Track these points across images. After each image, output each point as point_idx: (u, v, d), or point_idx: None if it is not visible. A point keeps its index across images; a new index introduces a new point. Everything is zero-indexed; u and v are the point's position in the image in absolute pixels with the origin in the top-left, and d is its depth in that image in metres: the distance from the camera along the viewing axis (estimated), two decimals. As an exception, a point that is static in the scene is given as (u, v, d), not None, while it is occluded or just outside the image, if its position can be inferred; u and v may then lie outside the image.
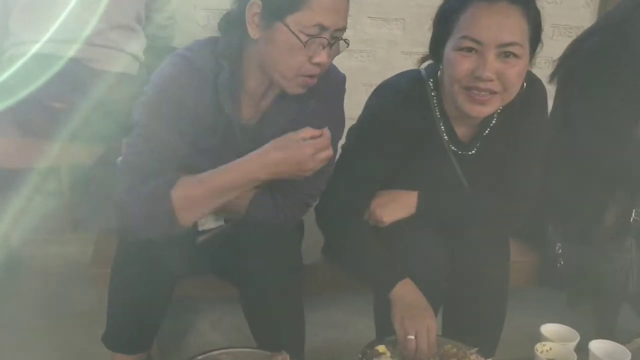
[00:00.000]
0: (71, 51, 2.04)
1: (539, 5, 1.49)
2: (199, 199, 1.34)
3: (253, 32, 1.36)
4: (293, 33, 1.31)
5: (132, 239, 1.38)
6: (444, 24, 1.50)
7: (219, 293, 1.79)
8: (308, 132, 1.34)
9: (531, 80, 1.56)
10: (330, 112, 1.51)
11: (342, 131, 1.55)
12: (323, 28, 1.31)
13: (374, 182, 1.63)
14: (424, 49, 1.53)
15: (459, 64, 1.44)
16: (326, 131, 1.35)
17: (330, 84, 1.47)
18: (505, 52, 1.42)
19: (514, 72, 1.43)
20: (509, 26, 1.41)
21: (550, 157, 1.71)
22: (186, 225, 1.35)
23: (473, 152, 1.63)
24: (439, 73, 1.58)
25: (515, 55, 1.42)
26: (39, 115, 2.08)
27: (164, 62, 1.40)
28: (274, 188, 1.47)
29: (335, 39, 1.36)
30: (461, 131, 1.61)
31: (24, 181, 2.47)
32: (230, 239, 1.49)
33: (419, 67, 1.66)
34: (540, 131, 1.64)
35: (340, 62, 1.53)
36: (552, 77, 1.91)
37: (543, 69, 1.71)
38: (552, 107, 1.87)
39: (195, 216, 1.36)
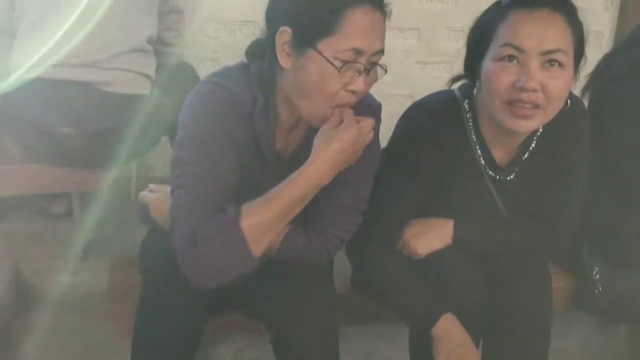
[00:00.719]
0: (83, 76, 1.95)
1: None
2: (270, 222, 1.24)
3: (284, 61, 1.26)
4: (326, 59, 1.21)
5: (204, 287, 1.25)
6: (480, 37, 1.41)
7: (242, 326, 1.70)
8: (336, 117, 1.28)
9: (573, 100, 1.47)
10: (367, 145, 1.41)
11: (377, 163, 1.45)
12: (359, 52, 1.22)
13: (407, 209, 1.54)
14: (440, 58, 1.42)
15: (499, 75, 1.35)
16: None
17: (366, 113, 1.38)
18: (550, 61, 1.33)
19: (559, 84, 1.34)
20: (552, 33, 1.33)
21: (587, 176, 1.62)
22: (258, 257, 1.25)
23: (511, 177, 1.53)
24: (474, 93, 1.49)
25: (560, 65, 1.33)
26: (49, 141, 1.99)
27: (197, 91, 1.30)
28: (307, 224, 1.38)
29: (371, 64, 1.26)
30: (498, 155, 1.52)
31: (32, 208, 2.40)
32: (262, 276, 1.40)
33: (450, 87, 1.57)
34: (583, 156, 1.55)
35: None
36: (583, 93, 1.82)
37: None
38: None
39: (265, 243, 1.26)
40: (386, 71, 1.29)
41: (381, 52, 1.26)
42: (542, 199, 1.56)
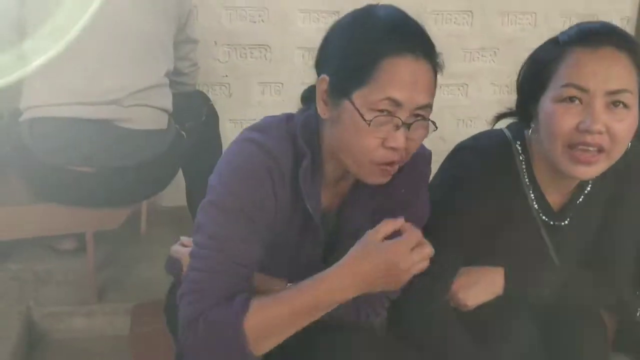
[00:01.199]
0: (103, 113, 1.87)
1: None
2: (278, 325, 1.12)
3: (322, 111, 1.17)
4: (357, 110, 1.11)
5: None
6: (537, 77, 1.33)
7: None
8: (388, 226, 1.12)
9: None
10: (417, 197, 1.32)
11: (428, 214, 1.37)
12: (396, 104, 1.11)
13: (455, 260, 1.46)
14: (455, 80, 1.30)
15: (561, 117, 1.26)
16: (407, 224, 1.14)
17: (417, 166, 1.28)
18: (614, 102, 1.25)
19: (624, 126, 1.26)
20: (617, 72, 1.24)
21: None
22: (260, 355, 1.14)
23: (566, 222, 1.46)
24: (526, 134, 1.41)
25: (625, 106, 1.25)
26: (65, 180, 1.89)
27: (231, 151, 1.20)
28: None
29: (417, 117, 1.14)
30: (552, 199, 1.44)
31: (41, 245, 2.29)
32: (302, 340, 1.31)
33: (493, 126, 1.49)
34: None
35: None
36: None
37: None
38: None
39: (270, 345, 1.14)
40: (436, 128, 1.18)
41: (427, 107, 1.14)
42: (599, 246, 1.48)
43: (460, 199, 1.41)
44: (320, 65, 1.21)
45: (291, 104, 2.81)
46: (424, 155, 1.33)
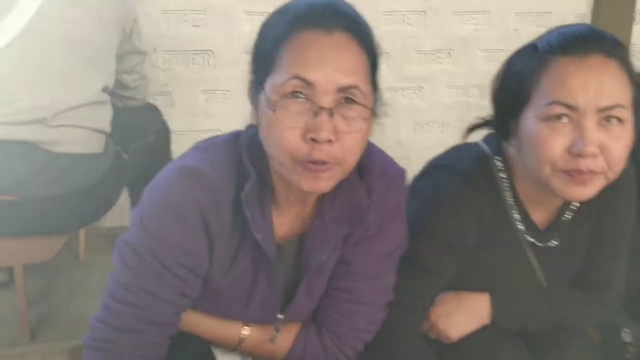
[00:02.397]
0: (25, 134, 1.64)
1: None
2: None
3: (252, 115, 1.03)
4: (267, 98, 0.95)
5: None
6: (516, 90, 1.17)
7: None
8: None
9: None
10: (392, 224, 1.15)
11: (406, 244, 1.22)
12: (307, 84, 0.92)
13: (434, 289, 1.31)
14: (411, 83, 1.13)
15: (549, 140, 1.10)
16: None
17: (389, 188, 1.12)
18: (607, 117, 1.10)
19: (621, 144, 1.11)
20: (609, 84, 1.09)
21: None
22: None
23: (552, 242, 1.32)
24: (505, 147, 1.27)
25: (619, 121, 1.10)
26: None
27: (160, 179, 1.04)
28: (322, 324, 1.13)
29: (348, 101, 0.94)
30: (537, 217, 1.30)
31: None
32: None
33: (466, 138, 1.35)
34: (630, 218, 1.35)
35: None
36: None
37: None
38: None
39: None
40: (376, 115, 1.00)
41: (354, 88, 0.94)
42: (587, 265, 1.36)
43: (438, 221, 1.26)
44: (250, 66, 1.05)
45: (239, 113, 2.65)
46: (395, 176, 1.16)
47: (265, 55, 0.97)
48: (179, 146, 2.24)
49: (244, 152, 1.04)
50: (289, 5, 1.02)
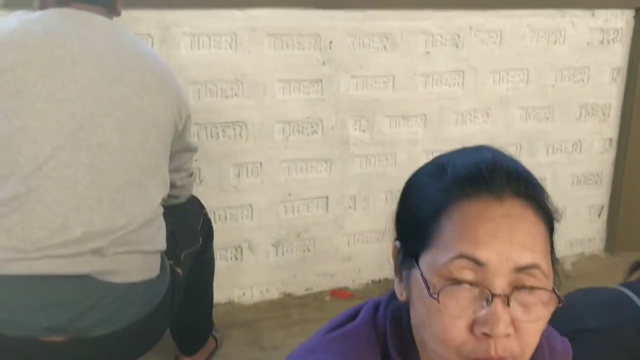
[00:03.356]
0: (78, 268, 1.40)
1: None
2: None
3: (398, 290, 0.86)
4: (424, 280, 0.77)
5: None
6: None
7: None
8: None
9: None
10: None
11: None
12: (478, 265, 0.75)
13: None
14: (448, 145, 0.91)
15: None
16: None
17: None
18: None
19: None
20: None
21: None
22: None
23: None
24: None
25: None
26: (28, 353, 1.42)
27: None
28: None
29: (520, 288, 0.76)
30: None
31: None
32: None
33: (628, 278, 1.16)
34: None
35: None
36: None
37: None
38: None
39: None
40: (561, 302, 0.79)
41: (534, 268, 0.76)
42: None
43: None
44: (395, 227, 0.90)
45: (270, 186, 2.46)
46: (565, 354, 0.97)
47: (419, 226, 0.81)
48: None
49: (390, 341, 0.86)
50: (445, 162, 0.84)
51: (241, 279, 2.54)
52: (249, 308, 2.51)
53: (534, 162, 2.72)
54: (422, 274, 0.78)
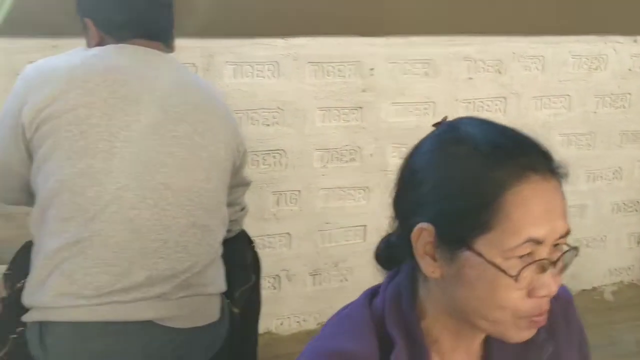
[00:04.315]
0: (142, 314, 1.36)
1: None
2: None
3: (429, 268, 0.88)
4: (490, 263, 0.83)
5: None
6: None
7: None
8: None
9: None
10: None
11: None
12: (537, 243, 0.83)
13: None
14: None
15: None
16: None
17: (566, 314, 1.03)
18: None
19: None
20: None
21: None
22: None
23: None
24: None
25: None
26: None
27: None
28: None
29: (557, 251, 0.86)
30: None
31: None
32: None
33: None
34: None
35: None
36: None
37: None
38: None
39: None
40: (577, 253, 0.89)
41: (567, 234, 0.87)
42: None
43: None
44: (406, 208, 0.93)
45: (308, 214, 2.42)
46: (564, 299, 1.03)
47: (473, 208, 0.83)
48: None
49: (387, 317, 0.91)
50: (475, 144, 0.86)
51: (280, 308, 2.50)
52: (288, 339, 2.46)
53: (575, 190, 2.66)
54: (484, 257, 0.83)
